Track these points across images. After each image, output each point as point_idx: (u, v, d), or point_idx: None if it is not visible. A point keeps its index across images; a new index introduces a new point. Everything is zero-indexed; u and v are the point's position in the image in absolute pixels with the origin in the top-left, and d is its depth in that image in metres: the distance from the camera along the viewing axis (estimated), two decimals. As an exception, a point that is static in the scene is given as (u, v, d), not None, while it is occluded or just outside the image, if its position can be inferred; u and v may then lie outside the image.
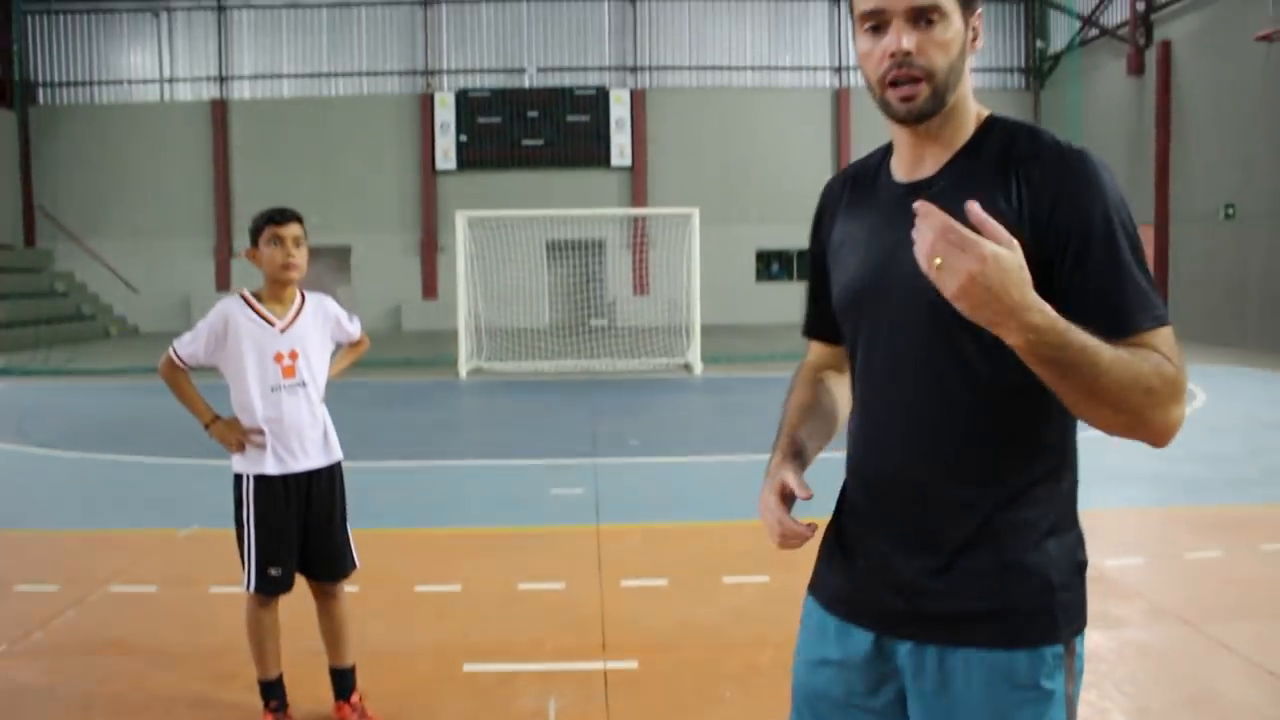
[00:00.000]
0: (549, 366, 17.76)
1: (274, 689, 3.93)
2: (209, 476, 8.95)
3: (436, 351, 19.57)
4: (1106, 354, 1.48)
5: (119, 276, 28.36)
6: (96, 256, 28.31)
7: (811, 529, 1.77)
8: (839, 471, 1.90)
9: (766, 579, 5.61)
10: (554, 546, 6.53)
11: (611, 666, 4.52)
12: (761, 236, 28.57)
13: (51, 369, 18.35)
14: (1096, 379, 1.48)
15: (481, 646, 4.80)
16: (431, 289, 28.37)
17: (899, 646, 1.77)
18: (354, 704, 4.01)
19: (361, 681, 4.07)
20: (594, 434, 11.06)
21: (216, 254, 28.47)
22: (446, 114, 28.53)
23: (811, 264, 2.04)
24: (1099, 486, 8.38)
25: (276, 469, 3.80)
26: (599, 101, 28.71)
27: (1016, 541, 1.69)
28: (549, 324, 22.14)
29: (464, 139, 28.55)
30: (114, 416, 13.21)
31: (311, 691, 4.09)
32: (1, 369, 18.25)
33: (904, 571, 1.75)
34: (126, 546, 6.61)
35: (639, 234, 26.87)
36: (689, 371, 17.08)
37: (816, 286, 2.03)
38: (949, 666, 1.72)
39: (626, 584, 5.67)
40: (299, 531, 3.86)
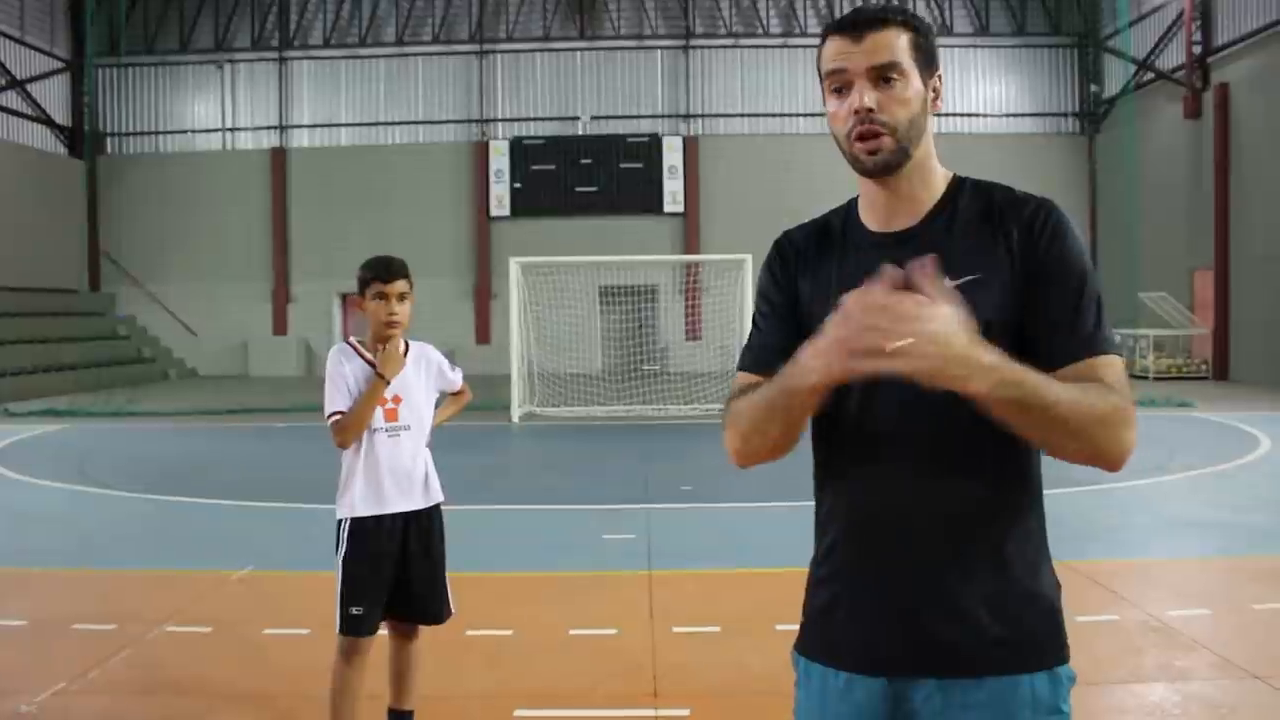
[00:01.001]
0: (601, 412, 17.77)
1: None
2: (263, 519, 9.05)
3: (490, 396, 19.66)
4: (1055, 386, 1.60)
5: (179, 320, 28.89)
6: (157, 301, 28.89)
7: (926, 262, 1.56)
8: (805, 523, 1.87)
9: (820, 627, 5.53)
10: (606, 592, 6.50)
11: (663, 714, 4.47)
12: (813, 282, 28.39)
13: (112, 410, 18.68)
14: (1051, 409, 1.58)
15: (533, 692, 4.78)
16: (485, 334, 28.58)
17: (915, 689, 1.77)
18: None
19: (413, 726, 4.06)
20: (646, 479, 11.03)
21: (274, 299, 28.93)
22: (501, 161, 28.86)
23: (769, 309, 1.99)
24: (1160, 536, 8.21)
25: (375, 509, 3.85)
26: (651, 148, 28.91)
27: (1022, 569, 1.78)
28: (601, 369, 22.18)
29: (518, 186, 28.84)
30: (171, 458, 13.40)
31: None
32: (64, 410, 18.60)
33: (918, 611, 1.76)
34: (182, 587, 6.68)
35: (691, 280, 26.91)
36: (741, 417, 16.96)
37: (772, 322, 1.98)
38: (970, 700, 1.74)
39: (678, 630, 5.63)
40: (395, 573, 3.89)
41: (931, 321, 1.48)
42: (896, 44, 1.78)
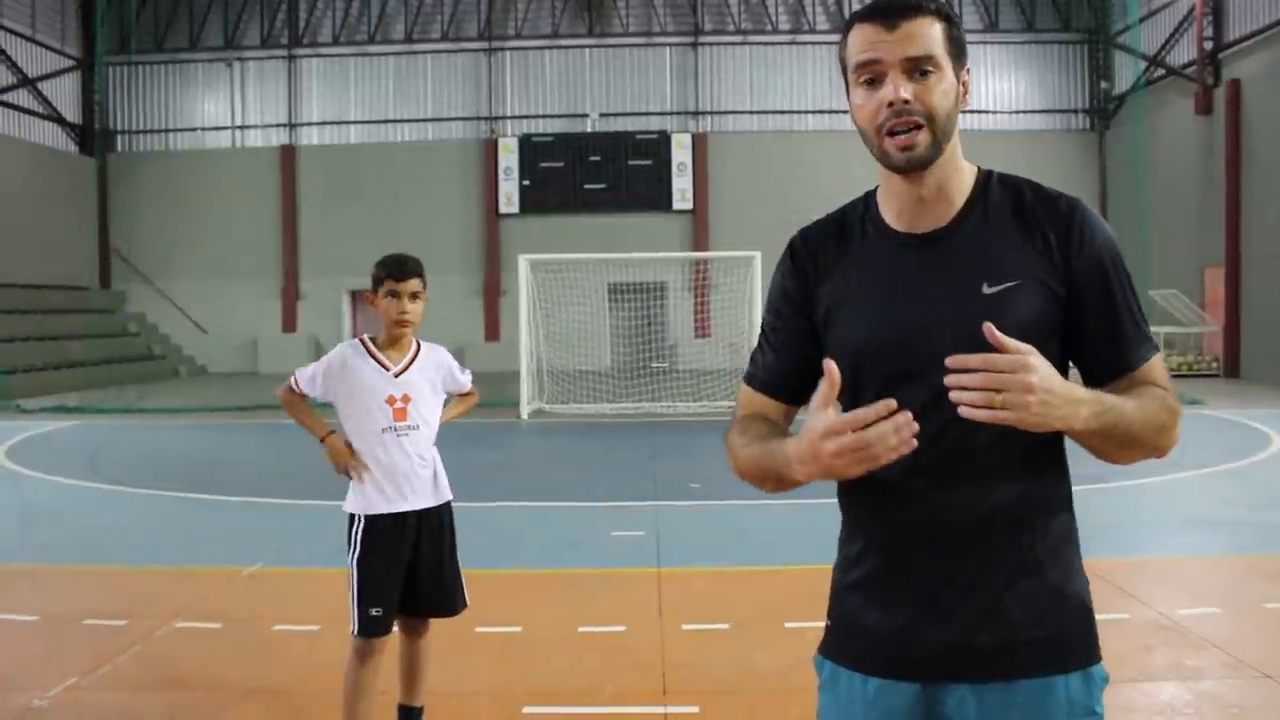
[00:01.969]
0: (610, 409, 17.78)
1: None
2: (273, 515, 9.07)
3: (498, 393, 19.68)
4: (1129, 406, 1.63)
5: (189, 317, 28.96)
6: (167, 298, 28.95)
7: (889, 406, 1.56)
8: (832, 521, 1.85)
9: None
10: (615, 589, 6.51)
11: (672, 711, 4.47)
12: (823, 279, 28.36)
13: (122, 407, 18.73)
14: (1128, 430, 1.62)
15: (541, 689, 4.78)
16: (494, 331, 28.59)
17: (949, 694, 1.74)
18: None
19: (422, 722, 4.07)
20: (655, 476, 11.03)
21: (284, 296, 28.98)
22: (510, 159, 28.86)
23: (780, 324, 1.92)
24: (1171, 533, 8.19)
25: (385, 508, 3.87)
26: (660, 146, 28.88)
27: (1057, 569, 1.76)
28: (610, 366, 22.18)
29: (527, 183, 28.84)
30: (182, 455, 13.44)
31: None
32: (74, 407, 18.66)
33: (955, 613, 1.73)
34: (191, 583, 6.70)
35: (700, 277, 26.89)
36: (750, 414, 16.95)
37: (782, 339, 1.92)
38: (1006, 704, 1.71)
39: (687, 627, 5.62)
40: (407, 571, 3.90)
41: (1031, 373, 1.50)
42: (931, 34, 1.70)
